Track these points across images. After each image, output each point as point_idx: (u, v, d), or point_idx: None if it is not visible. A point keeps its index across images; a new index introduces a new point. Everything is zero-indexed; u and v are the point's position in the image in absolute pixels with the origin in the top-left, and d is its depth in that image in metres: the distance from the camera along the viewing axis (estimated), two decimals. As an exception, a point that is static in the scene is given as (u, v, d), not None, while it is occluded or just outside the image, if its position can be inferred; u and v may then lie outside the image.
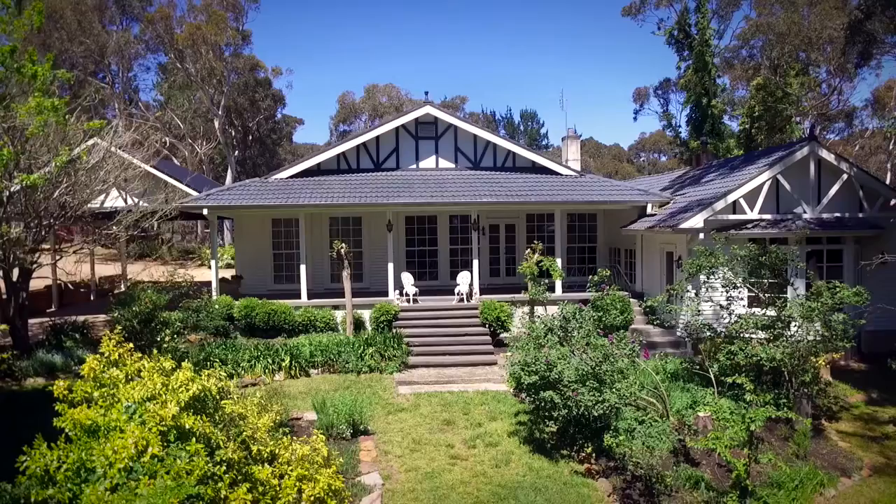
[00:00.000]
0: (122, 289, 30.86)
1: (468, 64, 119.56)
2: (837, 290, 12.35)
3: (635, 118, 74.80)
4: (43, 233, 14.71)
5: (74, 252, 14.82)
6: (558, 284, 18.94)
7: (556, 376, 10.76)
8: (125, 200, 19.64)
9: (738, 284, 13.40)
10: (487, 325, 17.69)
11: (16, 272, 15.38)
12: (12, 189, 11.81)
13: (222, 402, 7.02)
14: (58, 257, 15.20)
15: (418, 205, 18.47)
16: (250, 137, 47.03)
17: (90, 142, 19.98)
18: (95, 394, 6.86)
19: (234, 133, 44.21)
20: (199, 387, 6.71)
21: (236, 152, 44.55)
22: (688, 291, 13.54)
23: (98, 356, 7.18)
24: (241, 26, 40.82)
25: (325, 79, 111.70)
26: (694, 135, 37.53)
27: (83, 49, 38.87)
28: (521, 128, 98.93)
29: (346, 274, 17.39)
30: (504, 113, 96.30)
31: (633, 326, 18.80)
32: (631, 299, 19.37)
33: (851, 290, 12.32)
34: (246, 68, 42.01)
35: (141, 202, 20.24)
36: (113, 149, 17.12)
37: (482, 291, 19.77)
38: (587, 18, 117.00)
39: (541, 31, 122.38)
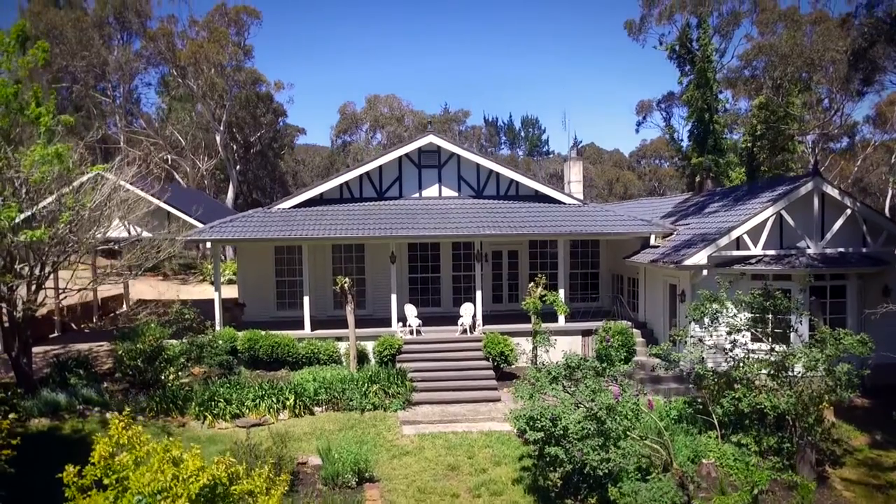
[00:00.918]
0: (125, 308, 30.99)
1: (468, 64, 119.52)
2: (841, 338, 12.37)
3: (637, 130, 74.74)
4: (46, 272, 14.72)
5: (78, 291, 14.79)
6: (562, 318, 18.96)
7: (561, 431, 10.78)
8: (129, 232, 19.67)
9: (742, 328, 13.41)
10: (491, 358, 17.71)
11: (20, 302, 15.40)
12: (17, 241, 11.81)
13: (232, 487, 7.03)
14: (62, 296, 15.19)
15: (421, 237, 18.47)
16: (252, 151, 47.03)
17: (93, 173, 20.06)
18: (105, 481, 6.87)
19: (235, 147, 44.21)
20: (210, 476, 6.71)
21: (238, 166, 44.57)
22: (690, 337, 13.55)
23: (107, 439, 7.18)
24: (243, 41, 40.90)
25: (325, 79, 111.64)
26: (696, 150, 37.55)
27: (84, 63, 38.88)
28: (523, 134, 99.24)
29: (349, 308, 17.41)
30: (506, 120, 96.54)
31: (635, 358, 18.85)
32: (633, 329, 19.42)
33: (856, 338, 12.33)
34: (248, 82, 42.01)
35: (144, 232, 20.31)
36: (122, 182, 17.15)
37: (485, 318, 19.80)
38: (587, 18, 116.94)
39: (541, 32, 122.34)
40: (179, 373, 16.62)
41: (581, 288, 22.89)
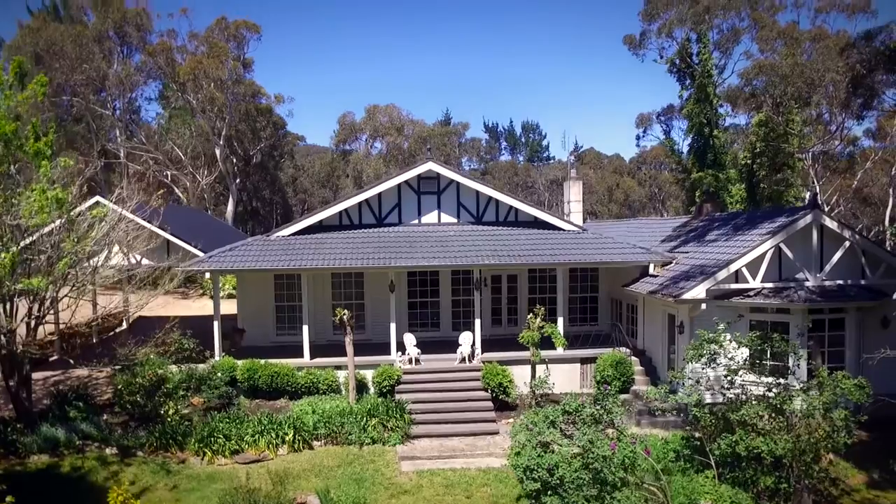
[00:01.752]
0: (125, 326, 31.01)
1: (468, 68, 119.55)
2: (838, 381, 12.41)
3: (637, 144, 74.83)
4: (44, 311, 14.76)
5: (78, 325, 14.80)
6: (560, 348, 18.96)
7: (557, 481, 10.82)
8: (128, 260, 19.67)
9: (740, 370, 13.43)
10: (489, 389, 17.73)
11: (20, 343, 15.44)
12: (15, 289, 11.84)
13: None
14: (62, 324, 15.20)
15: (420, 267, 18.50)
16: (251, 163, 47.04)
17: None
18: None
19: (234, 160, 44.24)
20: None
21: (237, 179, 44.60)
22: (688, 378, 13.57)
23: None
24: (243, 55, 40.88)
25: (325, 80, 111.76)
26: (696, 164, 37.64)
27: (83, 77, 38.91)
28: (523, 140, 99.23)
29: (348, 339, 17.44)
30: (506, 125, 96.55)
31: (633, 388, 18.89)
32: (632, 357, 19.45)
33: (852, 383, 12.38)
34: (248, 94, 42.02)
35: (144, 260, 20.35)
36: (123, 213, 17.18)
37: (484, 342, 19.81)
38: (587, 18, 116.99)
39: (541, 34, 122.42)
40: (179, 406, 16.63)
41: (580, 311, 22.90)
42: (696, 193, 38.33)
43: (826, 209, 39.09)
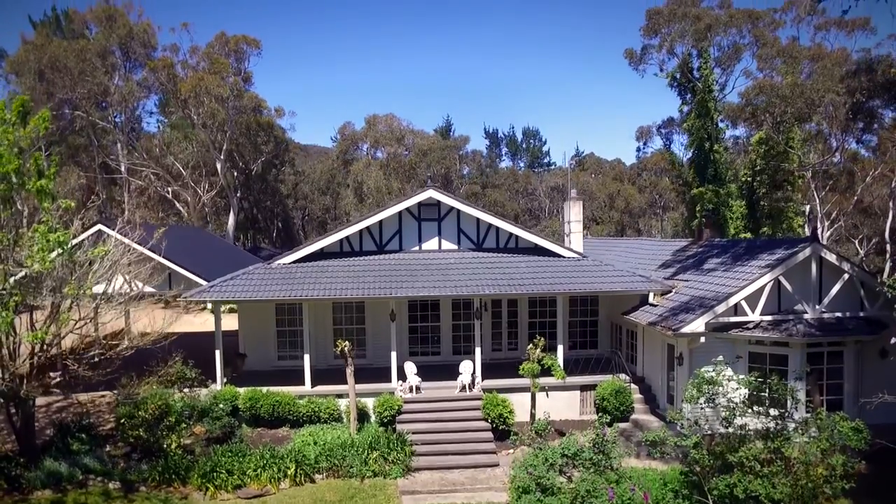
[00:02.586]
0: (126, 343, 31.12)
1: (468, 70, 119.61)
2: (836, 423, 12.49)
3: (638, 156, 74.92)
4: (49, 346, 14.86)
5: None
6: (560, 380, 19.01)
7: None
8: (130, 287, 19.77)
9: (738, 409, 13.51)
10: (490, 420, 17.81)
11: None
12: (18, 342, 11.95)
13: None
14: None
15: (421, 297, 18.58)
16: (252, 174, 47.14)
17: (94, 229, 20.20)
18: None
19: (235, 173, 44.33)
20: None
21: (238, 192, 44.71)
22: (686, 419, 13.64)
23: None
24: (243, 69, 40.96)
25: (326, 81, 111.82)
26: (697, 179, 37.70)
27: (86, 91, 39.02)
28: (524, 146, 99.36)
29: (349, 371, 17.54)
30: (507, 131, 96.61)
31: (633, 417, 18.98)
32: (631, 385, 19.53)
33: (850, 426, 12.48)
34: (248, 108, 42.11)
35: (147, 287, 20.45)
36: (127, 241, 17.29)
37: (485, 366, 19.86)
38: (588, 19, 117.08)
39: (542, 37, 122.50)
40: (181, 437, 16.72)
41: (580, 335, 22.99)
42: (697, 207, 38.43)
43: (827, 223, 39.16)
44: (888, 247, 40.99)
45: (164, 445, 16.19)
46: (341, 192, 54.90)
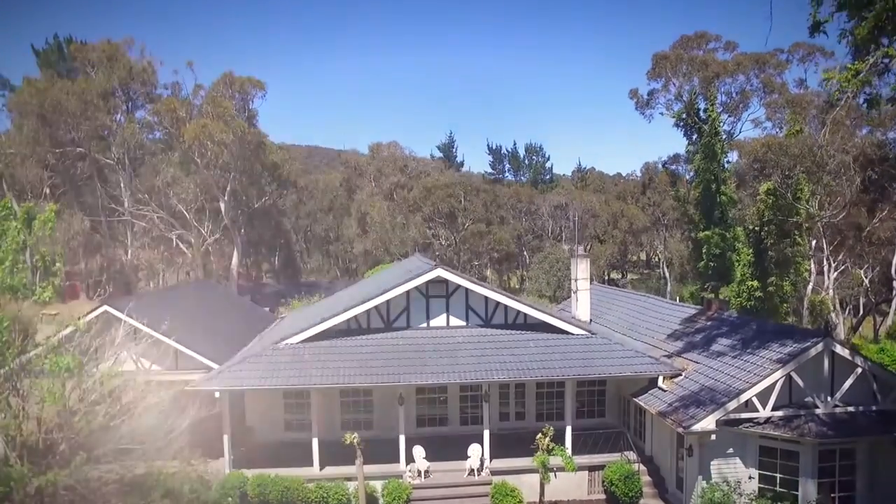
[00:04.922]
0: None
1: (468, 76, 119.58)
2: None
3: (644, 192, 75.15)
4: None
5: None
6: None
7: None
8: (136, 365, 19.70)
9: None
10: (498, 510, 17.74)
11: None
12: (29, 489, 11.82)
13: None
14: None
15: (429, 384, 18.49)
16: (256, 209, 47.02)
17: (100, 310, 20.12)
18: None
19: (239, 213, 44.24)
20: None
21: (242, 230, 44.61)
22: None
23: None
24: (248, 107, 40.84)
25: (326, 82, 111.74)
26: (703, 221, 37.60)
27: (89, 129, 38.92)
28: (527, 162, 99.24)
29: (358, 462, 17.50)
30: (510, 147, 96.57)
31: (642, 501, 18.88)
32: (640, 466, 19.43)
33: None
34: (252, 144, 41.94)
35: (154, 366, 20.41)
36: (135, 323, 17.17)
37: (492, 437, 19.66)
38: (586, 20, 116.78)
39: (544, 40, 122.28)
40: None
41: (588, 404, 22.88)
42: (703, 249, 38.31)
43: (833, 264, 38.91)
44: (895, 284, 40.85)
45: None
46: (344, 220, 54.86)
